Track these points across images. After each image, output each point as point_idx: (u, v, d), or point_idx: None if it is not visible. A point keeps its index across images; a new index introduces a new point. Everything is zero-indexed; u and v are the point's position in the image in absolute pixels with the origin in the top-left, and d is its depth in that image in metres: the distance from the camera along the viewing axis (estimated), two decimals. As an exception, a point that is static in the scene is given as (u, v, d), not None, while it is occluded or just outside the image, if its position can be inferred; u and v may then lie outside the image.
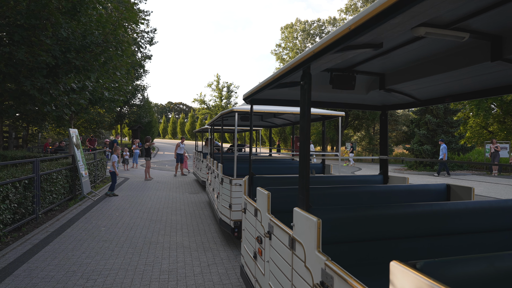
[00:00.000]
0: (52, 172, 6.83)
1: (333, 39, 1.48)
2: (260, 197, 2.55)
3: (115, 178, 8.57)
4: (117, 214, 6.68)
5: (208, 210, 7.25)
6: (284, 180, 3.51)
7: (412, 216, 2.02)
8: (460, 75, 2.35)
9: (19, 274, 3.70)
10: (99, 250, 4.57)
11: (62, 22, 5.69)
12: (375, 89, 3.17)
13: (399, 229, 1.98)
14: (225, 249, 4.72)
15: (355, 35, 1.30)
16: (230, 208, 4.65)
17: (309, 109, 1.78)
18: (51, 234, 5.26)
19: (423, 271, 0.96)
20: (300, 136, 1.85)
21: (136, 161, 17.31)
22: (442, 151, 14.90)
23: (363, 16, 1.21)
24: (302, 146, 1.82)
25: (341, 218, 1.90)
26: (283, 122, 7.49)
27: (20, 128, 19.76)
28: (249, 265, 2.90)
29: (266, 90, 2.91)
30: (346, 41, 1.38)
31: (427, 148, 17.70)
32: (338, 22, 38.27)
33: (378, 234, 1.95)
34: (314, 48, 1.61)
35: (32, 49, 5.46)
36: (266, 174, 5.00)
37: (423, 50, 2.18)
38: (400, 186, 3.06)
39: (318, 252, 1.57)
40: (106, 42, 6.30)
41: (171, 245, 4.85)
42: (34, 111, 6.80)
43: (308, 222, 1.67)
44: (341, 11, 37.51)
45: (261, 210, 2.51)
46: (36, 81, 5.56)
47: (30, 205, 5.86)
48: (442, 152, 14.93)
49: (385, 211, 2.01)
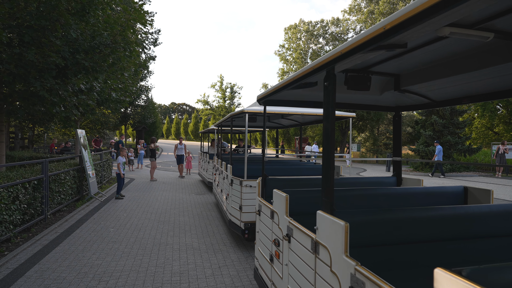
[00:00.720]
0: (60, 172, 6.85)
1: (364, 39, 1.45)
2: (277, 199, 2.52)
3: (120, 180, 8.52)
4: (124, 215, 6.67)
5: (216, 211, 7.23)
6: (299, 182, 3.48)
7: (436, 219, 1.97)
8: (481, 76, 2.31)
9: (31, 275, 3.69)
10: (109, 251, 4.55)
11: (71, 23, 5.71)
12: (389, 90, 3.14)
13: (423, 233, 1.94)
14: (235, 251, 4.69)
15: (389, 35, 1.27)
16: (241, 209, 4.62)
17: (333, 111, 1.75)
18: (61, 235, 5.26)
19: (470, 278, 0.93)
20: (324, 138, 1.81)
21: (141, 162, 17.35)
22: (438, 152, 15.01)
23: (401, 16, 1.17)
24: (326, 148, 1.79)
25: (365, 221, 1.86)
26: (290, 123, 7.45)
27: (26, 128, 19.89)
28: (265, 268, 2.87)
29: (283, 92, 2.88)
30: (378, 41, 1.35)
31: (434, 149, 17.57)
32: (341, 23, 38.18)
33: (402, 238, 1.91)
34: (342, 49, 1.58)
35: (42, 50, 5.48)
36: (276, 175, 4.97)
37: (443, 50, 2.14)
38: (416, 188, 3.01)
39: (346, 256, 1.53)
40: (114, 43, 6.30)
41: (181, 246, 4.83)
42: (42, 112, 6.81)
43: (334, 226, 1.64)
44: (344, 11, 37.45)
45: (279, 213, 2.48)
46: (45, 82, 5.57)
47: (39, 206, 5.87)
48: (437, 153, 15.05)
49: (408, 214, 1.96)
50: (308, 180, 3.53)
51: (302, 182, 3.49)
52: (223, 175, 6.09)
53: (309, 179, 3.56)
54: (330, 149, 1.77)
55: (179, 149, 13.25)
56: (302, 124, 6.94)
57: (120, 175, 8.41)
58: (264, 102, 3.32)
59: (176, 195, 9.16)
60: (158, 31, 26.87)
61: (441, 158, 15.15)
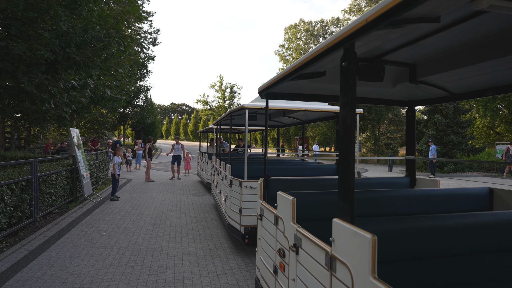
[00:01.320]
0: (52, 173, 6.52)
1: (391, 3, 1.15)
2: (282, 203, 2.20)
3: (115, 182, 8.17)
4: (118, 218, 6.35)
5: (214, 214, 6.91)
6: (305, 183, 3.16)
7: (473, 228, 1.66)
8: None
9: (10, 286, 3.37)
10: (99, 257, 4.23)
11: (61, 15, 5.39)
12: (403, 81, 2.83)
13: (460, 244, 1.63)
14: (235, 257, 4.38)
15: None
16: (240, 212, 4.30)
17: (353, 97, 1.44)
18: (49, 240, 4.94)
19: None
20: (342, 130, 1.50)
21: (139, 162, 17.03)
22: (432, 152, 14.85)
23: None
24: (344, 143, 1.47)
25: (389, 231, 1.55)
26: (293, 121, 7.14)
27: (22, 128, 19.55)
28: (267, 280, 2.55)
29: (286, 82, 2.57)
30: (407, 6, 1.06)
31: (437, 149, 17.26)
32: (341, 23, 37.94)
33: (434, 251, 1.60)
34: (366, 17, 1.27)
35: (30, 43, 5.16)
36: (278, 175, 4.66)
37: (470, 33, 1.83)
38: (435, 190, 2.70)
39: (374, 278, 1.23)
40: (108, 37, 5.98)
41: (176, 252, 4.51)
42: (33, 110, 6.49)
43: (357, 239, 1.33)
44: (344, 11, 37.25)
45: (284, 219, 2.16)
46: (34, 77, 5.25)
47: (28, 208, 5.55)
48: (431, 153, 14.90)
49: (439, 222, 1.65)
50: (315, 181, 3.22)
51: (308, 183, 3.17)
52: (222, 176, 5.77)
53: (316, 179, 3.25)
54: (349, 144, 1.45)
55: (176, 149, 12.54)
56: (304, 122, 6.63)
57: (115, 176, 8.08)
58: (265, 94, 3.00)
59: (174, 197, 8.84)
60: (157, 30, 26.62)
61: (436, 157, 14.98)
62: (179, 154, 12.61)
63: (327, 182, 3.24)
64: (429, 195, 2.63)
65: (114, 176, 8.08)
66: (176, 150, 12.56)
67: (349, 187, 1.40)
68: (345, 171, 1.44)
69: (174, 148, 12.59)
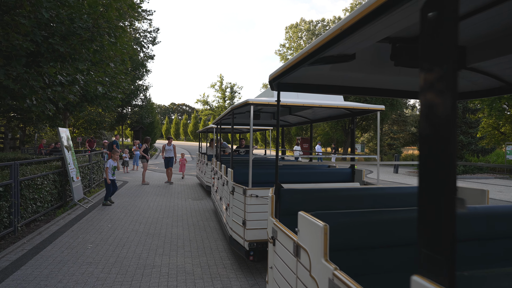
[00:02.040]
0: (36, 177, 5.94)
1: None
2: (307, 229, 1.62)
3: (108, 186, 7.56)
4: (109, 226, 5.77)
5: (214, 221, 6.32)
6: (325, 194, 2.56)
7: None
8: None
9: (-33, 317, 2.79)
10: (80, 277, 3.65)
11: (43, 1, 4.81)
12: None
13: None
14: (238, 276, 3.79)
15: None
16: (244, 225, 3.71)
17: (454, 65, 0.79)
18: (27, 254, 4.36)
19: None
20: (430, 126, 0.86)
21: (136, 163, 16.44)
22: None
23: None
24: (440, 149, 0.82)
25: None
26: (299, 120, 6.53)
27: (16, 128, 18.99)
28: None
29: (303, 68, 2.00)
30: None
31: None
32: (344, 21, 37.32)
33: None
34: None
35: (6, 31, 4.58)
36: (288, 181, 4.06)
37: None
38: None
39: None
40: (96, 27, 5.40)
41: (170, 269, 3.93)
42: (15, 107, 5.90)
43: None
44: (346, 10, 36.64)
45: (310, 252, 1.57)
46: (11, 70, 4.67)
47: (7, 217, 4.97)
48: None
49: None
50: (336, 192, 2.62)
51: (329, 194, 2.57)
52: (223, 181, 5.18)
53: (338, 190, 2.65)
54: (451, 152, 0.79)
55: (167, 151, 11.50)
56: (312, 121, 6.04)
57: (107, 181, 7.47)
58: (277, 85, 2.41)
59: (171, 201, 8.25)
60: (156, 29, 26.13)
61: None
62: (171, 156, 11.59)
63: (352, 192, 2.65)
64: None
65: (106, 181, 7.49)
66: (167, 151, 11.55)
67: (450, 224, 0.79)
68: (439, 198, 0.81)
69: (165, 149, 11.57)
